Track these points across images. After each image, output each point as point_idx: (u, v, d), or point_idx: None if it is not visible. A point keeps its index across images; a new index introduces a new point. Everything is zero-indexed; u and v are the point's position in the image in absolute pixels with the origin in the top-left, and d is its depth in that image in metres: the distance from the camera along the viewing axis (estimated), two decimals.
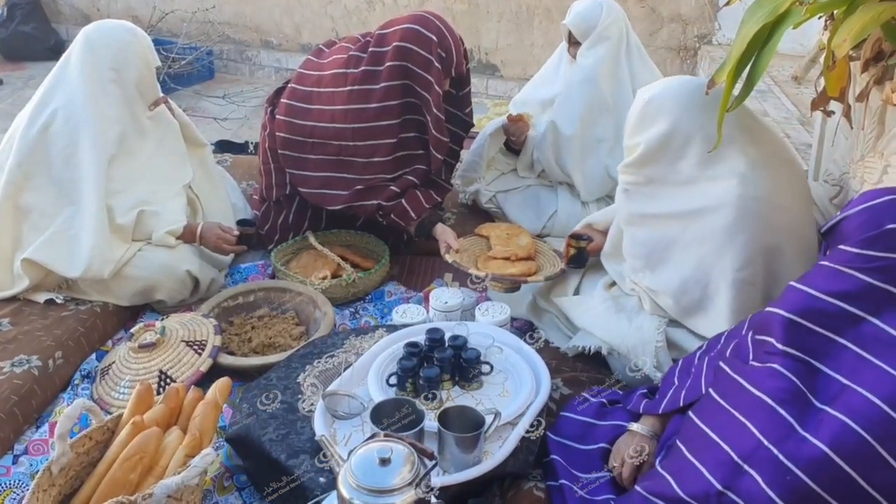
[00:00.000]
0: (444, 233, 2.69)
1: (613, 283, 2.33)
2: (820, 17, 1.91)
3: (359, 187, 2.71)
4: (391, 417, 1.71)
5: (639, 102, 2.06)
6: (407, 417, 1.71)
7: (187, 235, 2.64)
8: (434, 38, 2.62)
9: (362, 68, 2.66)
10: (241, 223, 2.95)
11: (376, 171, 2.70)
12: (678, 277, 2.03)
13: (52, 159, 2.49)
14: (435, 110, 2.64)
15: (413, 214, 2.72)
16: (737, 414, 1.43)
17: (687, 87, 2.02)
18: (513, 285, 2.50)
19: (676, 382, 1.74)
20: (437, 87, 2.63)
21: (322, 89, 2.73)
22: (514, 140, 3.12)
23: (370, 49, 2.67)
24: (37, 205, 2.49)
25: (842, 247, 1.40)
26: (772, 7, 1.80)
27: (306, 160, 2.75)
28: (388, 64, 2.62)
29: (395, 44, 2.62)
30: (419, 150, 2.75)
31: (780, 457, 1.32)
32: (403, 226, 2.76)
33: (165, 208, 2.63)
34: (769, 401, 1.38)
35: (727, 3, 2.09)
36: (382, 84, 2.63)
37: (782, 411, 1.36)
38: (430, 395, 1.91)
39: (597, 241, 2.42)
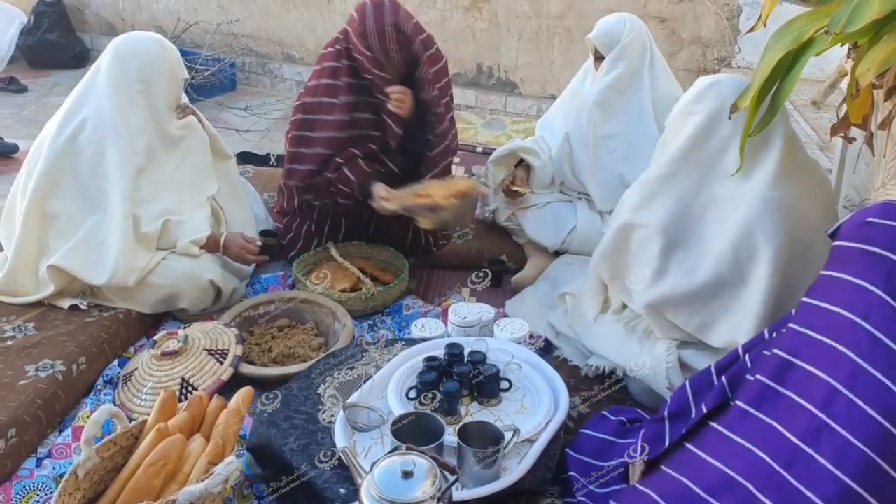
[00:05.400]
0: (378, 187, 2.78)
1: (624, 307, 2.35)
2: (842, 45, 1.93)
3: (311, 167, 2.81)
4: (411, 431, 1.73)
5: (701, 85, 2.14)
6: (426, 431, 1.74)
7: (210, 245, 2.67)
8: (357, 18, 2.71)
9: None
10: (263, 234, 2.99)
11: (329, 147, 2.79)
12: (703, 277, 2.07)
13: (80, 168, 2.53)
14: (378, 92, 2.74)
15: (353, 178, 2.80)
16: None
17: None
18: (433, 213, 2.64)
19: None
20: (374, 70, 2.70)
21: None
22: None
23: None
24: (63, 212, 2.53)
25: (834, 243, 1.45)
26: (796, 35, 1.83)
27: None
28: (339, 46, 2.77)
29: (344, 27, 2.78)
30: (373, 131, 2.83)
31: (792, 481, 1.35)
32: (348, 192, 2.83)
33: (190, 218, 2.67)
34: (777, 426, 1.42)
35: (751, 30, 2.11)
36: (343, 62, 2.76)
37: (788, 434, 1.39)
38: (449, 410, 1.93)
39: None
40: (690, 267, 2.09)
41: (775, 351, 1.51)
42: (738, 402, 1.54)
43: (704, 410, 1.62)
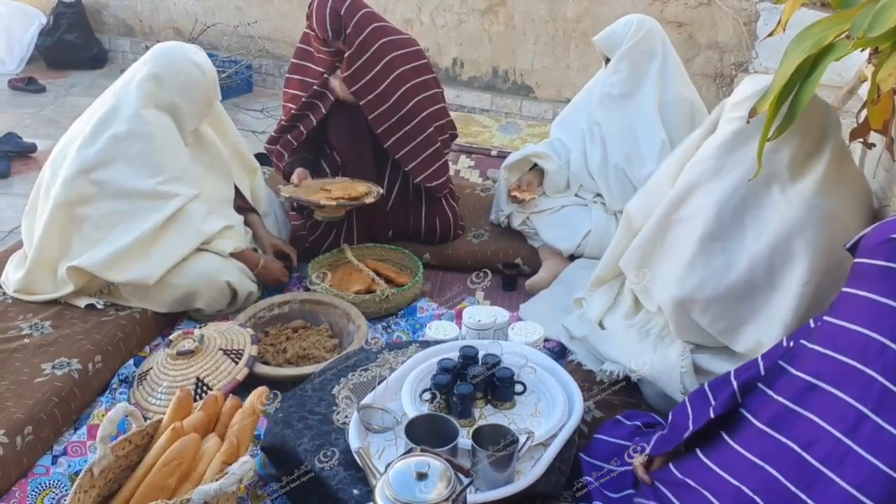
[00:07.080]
0: (296, 172, 3.02)
1: (636, 312, 2.34)
2: (862, 50, 1.91)
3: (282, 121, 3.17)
4: (425, 433, 1.73)
5: (756, 83, 2.09)
6: (440, 434, 1.73)
7: (246, 260, 2.71)
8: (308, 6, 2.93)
9: None
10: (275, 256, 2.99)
11: (290, 101, 3.16)
12: (734, 277, 2.04)
13: (108, 179, 2.51)
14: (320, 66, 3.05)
15: (286, 156, 3.12)
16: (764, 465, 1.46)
17: None
18: (319, 210, 2.84)
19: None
20: (318, 46, 3.00)
21: None
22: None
23: None
24: (89, 217, 2.52)
25: (854, 260, 1.43)
26: (816, 39, 1.81)
27: None
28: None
29: None
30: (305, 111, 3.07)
31: (809, 502, 1.34)
32: (281, 168, 3.17)
33: (237, 223, 2.77)
34: (797, 448, 1.40)
35: (770, 34, 2.10)
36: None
37: (808, 457, 1.38)
38: (462, 413, 1.92)
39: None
40: (723, 265, 2.05)
41: (798, 373, 1.49)
42: (755, 421, 1.53)
43: (712, 415, 1.61)
